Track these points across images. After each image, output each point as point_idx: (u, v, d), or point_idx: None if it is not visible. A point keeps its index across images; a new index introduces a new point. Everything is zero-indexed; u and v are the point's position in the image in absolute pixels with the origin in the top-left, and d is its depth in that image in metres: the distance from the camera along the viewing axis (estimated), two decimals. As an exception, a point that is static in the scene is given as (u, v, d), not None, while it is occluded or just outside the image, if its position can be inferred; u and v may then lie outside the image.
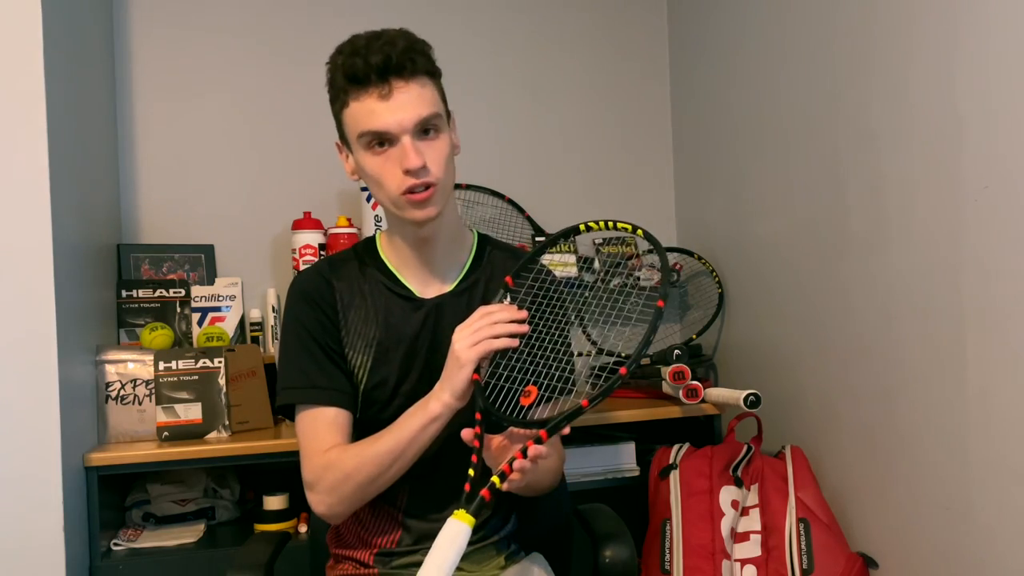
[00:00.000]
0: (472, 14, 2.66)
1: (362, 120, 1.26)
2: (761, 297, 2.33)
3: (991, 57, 1.51)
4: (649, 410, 2.20)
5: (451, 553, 1.08)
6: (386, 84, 1.25)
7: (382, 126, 1.25)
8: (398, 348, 1.38)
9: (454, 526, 1.09)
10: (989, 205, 1.53)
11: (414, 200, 1.28)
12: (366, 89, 1.25)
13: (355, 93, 1.26)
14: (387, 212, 1.37)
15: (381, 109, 1.25)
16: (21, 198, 1.71)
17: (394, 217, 1.36)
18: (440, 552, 1.08)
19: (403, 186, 1.27)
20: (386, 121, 1.25)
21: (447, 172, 1.31)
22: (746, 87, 2.36)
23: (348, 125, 1.30)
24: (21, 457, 1.70)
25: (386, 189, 1.29)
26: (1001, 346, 1.52)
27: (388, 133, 1.25)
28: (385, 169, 1.28)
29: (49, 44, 1.74)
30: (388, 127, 1.25)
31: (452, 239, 1.42)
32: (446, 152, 1.31)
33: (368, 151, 1.28)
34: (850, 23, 1.89)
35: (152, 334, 2.17)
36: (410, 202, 1.28)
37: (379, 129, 1.25)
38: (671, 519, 1.94)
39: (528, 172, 2.67)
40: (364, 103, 1.26)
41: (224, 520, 2.17)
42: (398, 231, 1.39)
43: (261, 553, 1.46)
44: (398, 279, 1.41)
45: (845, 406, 1.97)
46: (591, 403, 1.12)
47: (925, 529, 1.72)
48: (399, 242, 1.40)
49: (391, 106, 1.25)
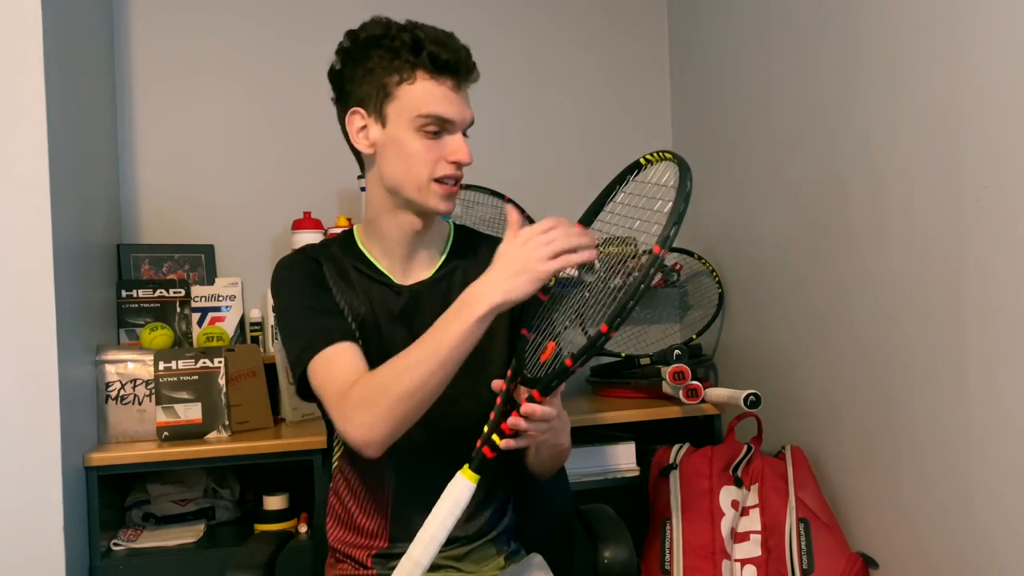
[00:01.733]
0: (469, 14, 2.66)
1: (432, 103, 1.29)
2: (761, 297, 2.34)
3: (991, 57, 1.52)
4: (649, 410, 2.21)
5: (452, 507, 1.12)
6: (460, 79, 1.32)
7: (452, 115, 1.30)
8: (378, 329, 1.39)
9: (457, 482, 1.14)
10: (989, 205, 1.53)
11: (444, 192, 1.32)
12: (443, 76, 1.30)
13: (431, 75, 1.29)
14: (386, 198, 1.37)
15: (455, 99, 1.31)
16: (21, 199, 1.71)
17: (395, 204, 1.37)
18: (443, 507, 1.12)
19: (440, 173, 1.31)
20: (455, 112, 1.31)
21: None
22: (746, 87, 2.36)
23: (406, 100, 1.30)
24: (21, 457, 1.70)
25: (418, 172, 1.31)
26: (1001, 346, 1.52)
27: (453, 124, 1.31)
28: (431, 154, 1.31)
29: (49, 44, 1.74)
30: (454, 117, 1.31)
31: (434, 231, 1.44)
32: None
33: (419, 132, 1.30)
34: (851, 23, 1.89)
35: (152, 334, 2.18)
36: (439, 192, 1.32)
37: (448, 117, 1.30)
38: (671, 519, 1.95)
39: (527, 172, 2.67)
40: (439, 88, 1.30)
41: (224, 520, 2.17)
42: (391, 221, 1.39)
43: (261, 553, 1.46)
44: (377, 268, 1.42)
45: (845, 406, 1.97)
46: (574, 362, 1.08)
47: (925, 529, 1.72)
48: (386, 232, 1.40)
49: (461, 99, 1.32)
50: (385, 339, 1.38)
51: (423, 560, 1.11)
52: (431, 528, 1.12)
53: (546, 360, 1.18)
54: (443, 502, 1.13)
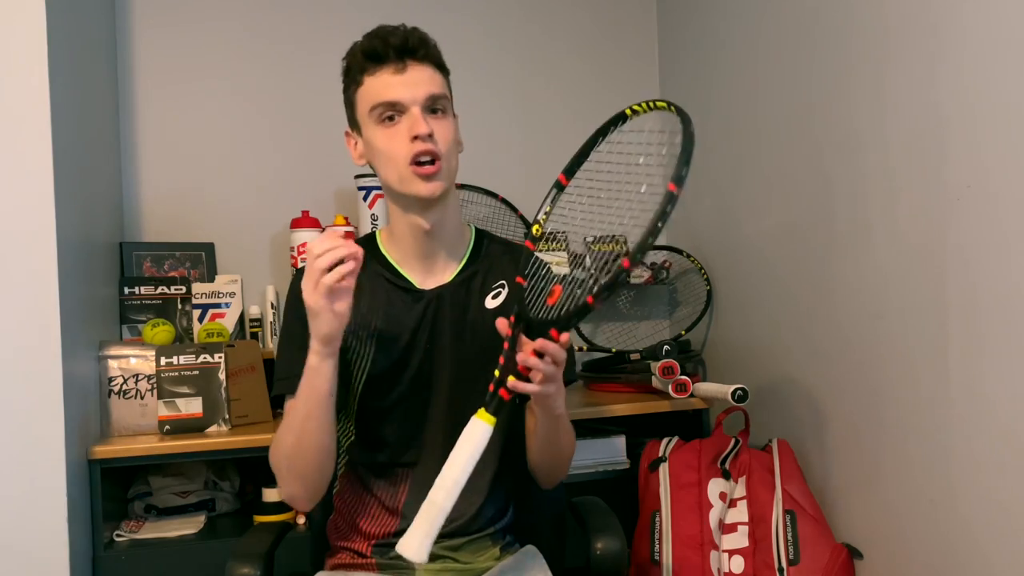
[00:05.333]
0: (463, 15, 2.68)
1: (375, 93, 1.31)
2: (748, 294, 2.36)
3: (973, 59, 1.53)
4: (639, 404, 2.21)
5: (472, 451, 1.13)
6: (402, 62, 1.31)
7: (395, 96, 1.30)
8: (399, 339, 1.40)
9: (474, 424, 1.15)
10: (971, 204, 1.54)
11: (421, 173, 1.30)
12: (382, 65, 1.31)
13: (371, 69, 1.32)
14: (392, 200, 1.39)
15: (395, 82, 1.30)
16: (26, 198, 1.72)
17: (399, 207, 1.39)
18: (462, 451, 1.13)
19: (410, 154, 1.30)
20: (399, 93, 1.30)
21: (452, 154, 1.35)
22: (733, 89, 2.38)
23: (361, 102, 1.34)
24: (26, 450, 1.72)
25: (394, 161, 1.32)
26: (984, 342, 1.54)
27: (400, 103, 1.30)
28: (394, 141, 1.31)
29: (53, 44, 1.75)
30: (400, 97, 1.30)
31: (453, 233, 1.45)
32: (452, 134, 1.35)
33: (379, 125, 1.32)
34: (834, 26, 1.91)
35: (154, 330, 2.18)
36: (416, 174, 1.31)
37: (392, 99, 1.30)
38: (661, 511, 1.97)
39: (520, 171, 2.68)
40: (379, 78, 1.31)
41: (224, 512, 2.19)
42: (402, 222, 1.40)
43: (261, 543, 1.48)
44: (399, 272, 1.44)
45: (831, 401, 1.99)
46: (596, 299, 1.09)
47: (910, 521, 1.74)
48: (401, 235, 1.42)
49: (404, 79, 1.31)
50: (407, 345, 1.41)
51: (446, 505, 1.12)
52: (453, 473, 1.12)
53: (555, 303, 1.20)
54: (461, 446, 1.14)
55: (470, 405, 1.20)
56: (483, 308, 1.44)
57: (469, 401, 1.23)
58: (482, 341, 1.39)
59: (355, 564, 1.44)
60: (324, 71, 2.59)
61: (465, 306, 1.41)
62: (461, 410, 1.25)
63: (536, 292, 1.25)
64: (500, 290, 1.45)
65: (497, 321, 1.21)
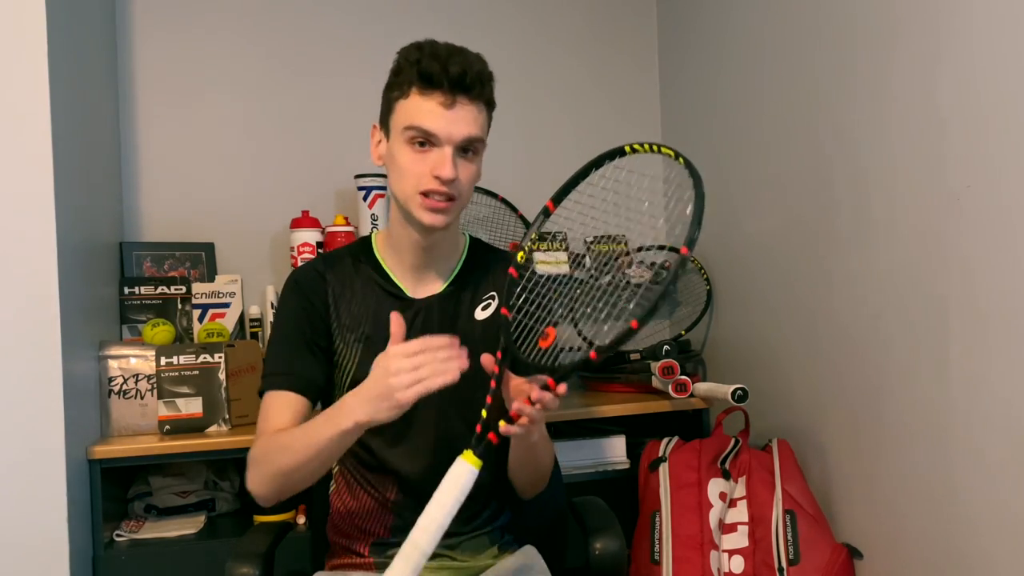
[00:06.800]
0: (462, 14, 2.67)
1: (417, 116, 1.30)
2: (748, 294, 2.36)
3: (973, 58, 1.53)
4: (639, 404, 2.22)
5: (456, 492, 1.11)
6: (453, 95, 1.29)
7: (433, 128, 1.29)
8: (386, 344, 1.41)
9: (459, 466, 1.13)
10: (972, 203, 1.54)
11: (430, 206, 1.31)
12: (433, 92, 1.29)
13: (421, 90, 1.30)
14: (396, 209, 1.40)
15: (439, 114, 1.29)
16: (26, 198, 1.72)
17: (401, 216, 1.39)
18: (445, 492, 1.12)
19: (425, 186, 1.30)
20: (439, 126, 1.29)
21: (467, 192, 1.36)
22: (733, 87, 2.38)
23: (400, 113, 1.33)
24: (26, 450, 1.72)
25: (408, 183, 1.32)
26: (984, 341, 1.54)
27: (436, 137, 1.30)
28: (416, 167, 1.31)
29: (53, 44, 1.75)
30: (438, 131, 1.29)
31: (448, 246, 1.45)
32: (475, 175, 1.36)
33: (408, 145, 1.31)
34: (835, 24, 1.91)
35: (154, 330, 2.18)
36: (424, 205, 1.31)
37: (430, 130, 1.29)
38: (660, 511, 1.96)
39: (520, 171, 2.68)
40: (424, 102, 1.29)
41: (224, 511, 2.19)
42: (401, 232, 1.41)
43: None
44: (391, 278, 1.44)
45: (831, 400, 1.99)
46: (599, 355, 1.08)
47: (910, 520, 1.74)
48: (398, 243, 1.42)
49: (449, 115, 1.29)
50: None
51: (428, 549, 1.10)
52: (433, 512, 1.11)
53: (547, 347, 1.19)
54: (445, 487, 1.12)
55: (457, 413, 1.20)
56: (473, 319, 1.44)
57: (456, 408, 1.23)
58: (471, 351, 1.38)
59: (353, 564, 1.44)
60: (324, 71, 2.62)
61: (455, 316, 1.42)
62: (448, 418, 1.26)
63: (524, 328, 1.23)
64: (490, 302, 1.45)
65: (483, 358, 1.19)
